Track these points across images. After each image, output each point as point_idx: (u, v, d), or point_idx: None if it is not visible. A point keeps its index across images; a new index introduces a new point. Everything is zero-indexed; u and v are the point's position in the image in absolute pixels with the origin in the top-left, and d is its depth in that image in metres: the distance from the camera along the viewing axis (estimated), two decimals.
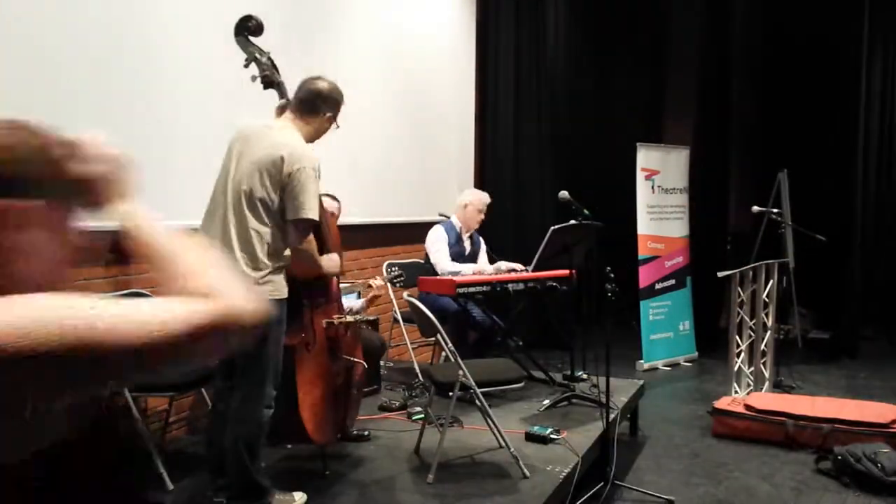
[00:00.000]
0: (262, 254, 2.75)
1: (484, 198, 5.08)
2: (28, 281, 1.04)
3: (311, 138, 2.93)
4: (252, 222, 2.74)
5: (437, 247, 4.91)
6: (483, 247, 5.20)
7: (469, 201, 5.03)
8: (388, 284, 4.29)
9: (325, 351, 3.17)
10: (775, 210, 5.48)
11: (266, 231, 2.75)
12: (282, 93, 3.13)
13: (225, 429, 2.88)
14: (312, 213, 2.75)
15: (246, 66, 3.03)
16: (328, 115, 2.92)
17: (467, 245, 5.06)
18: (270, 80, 3.08)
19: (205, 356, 1.04)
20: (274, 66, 3.09)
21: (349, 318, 3.27)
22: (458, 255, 4.96)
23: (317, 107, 2.90)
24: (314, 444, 3.22)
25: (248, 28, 3.08)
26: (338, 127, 3.00)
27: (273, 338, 2.80)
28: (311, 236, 2.88)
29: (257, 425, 2.81)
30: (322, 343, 3.16)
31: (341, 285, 3.46)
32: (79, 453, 1.17)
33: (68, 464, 1.14)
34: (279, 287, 2.81)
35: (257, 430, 2.81)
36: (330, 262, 3.07)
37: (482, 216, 5.06)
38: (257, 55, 3.06)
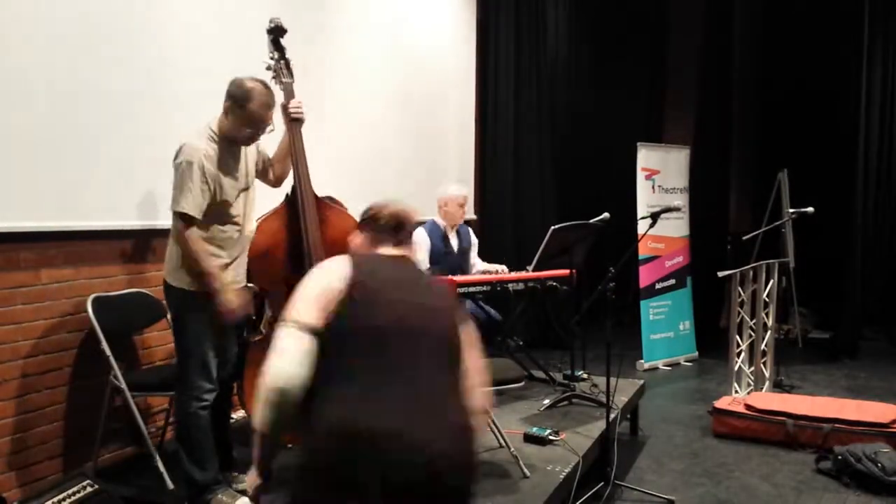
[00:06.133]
0: (172, 247, 2.92)
1: (456, 192, 4.92)
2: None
3: (226, 128, 2.94)
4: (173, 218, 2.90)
5: (418, 253, 4.85)
6: (474, 241, 5.11)
7: (446, 200, 4.90)
8: None
9: None
10: (811, 209, 5.36)
11: (173, 226, 2.91)
12: (286, 94, 3.16)
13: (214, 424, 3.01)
14: (178, 206, 2.82)
15: (267, 68, 3.12)
16: (227, 103, 2.92)
17: (454, 243, 4.94)
18: (277, 80, 3.16)
19: None
20: (286, 68, 3.20)
21: None
22: (445, 255, 4.88)
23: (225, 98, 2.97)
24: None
25: (270, 30, 3.21)
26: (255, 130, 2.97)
27: (187, 328, 2.91)
28: (192, 234, 2.86)
29: (184, 415, 2.92)
30: None
31: None
32: None
33: None
34: (182, 278, 2.90)
35: (185, 422, 2.92)
36: (220, 280, 2.93)
37: (464, 209, 4.94)
38: (269, 55, 3.18)
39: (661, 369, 6.27)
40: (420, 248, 4.81)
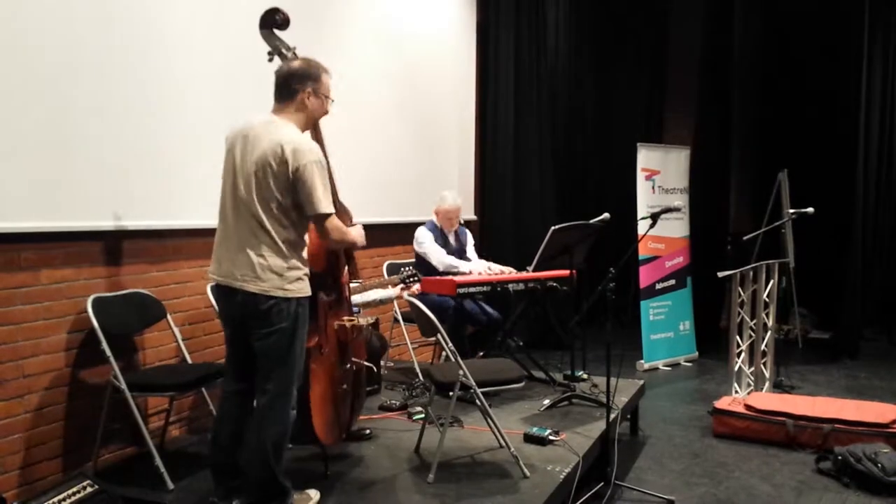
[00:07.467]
0: (287, 252, 2.70)
1: (450, 205, 5.05)
2: None
3: (307, 123, 2.80)
4: (268, 222, 2.66)
5: (428, 244, 4.93)
6: (469, 239, 5.21)
7: (438, 209, 5.08)
8: (401, 284, 4.28)
9: (335, 353, 3.17)
10: (811, 209, 5.36)
11: (281, 230, 2.68)
12: None
13: (233, 432, 2.86)
14: (329, 207, 2.69)
15: (270, 60, 2.97)
16: (308, 89, 2.76)
17: (453, 242, 5.08)
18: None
19: None
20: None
21: (360, 321, 3.25)
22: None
23: (292, 88, 2.75)
24: (320, 445, 3.21)
25: (274, 21, 3.02)
26: (332, 101, 2.86)
27: (300, 337, 2.78)
28: (334, 222, 2.76)
29: (284, 426, 2.77)
30: (333, 345, 3.15)
31: (351, 284, 3.41)
32: None
33: None
34: (306, 285, 2.78)
35: (284, 431, 2.77)
36: (357, 232, 2.98)
37: (454, 222, 5.07)
38: (283, 50, 3.02)
39: (661, 369, 6.27)
40: (430, 239, 4.94)
